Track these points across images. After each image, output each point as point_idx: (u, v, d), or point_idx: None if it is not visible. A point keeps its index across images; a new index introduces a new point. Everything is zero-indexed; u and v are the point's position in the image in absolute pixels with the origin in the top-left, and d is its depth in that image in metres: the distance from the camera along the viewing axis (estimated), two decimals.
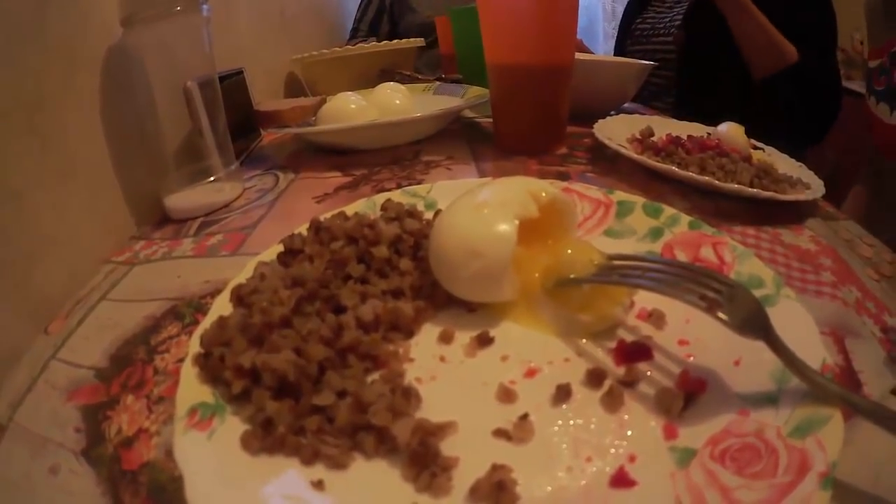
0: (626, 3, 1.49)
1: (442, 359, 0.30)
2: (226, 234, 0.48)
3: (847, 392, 0.23)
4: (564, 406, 0.27)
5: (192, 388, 0.27)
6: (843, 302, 0.36)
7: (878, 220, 0.82)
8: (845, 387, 0.24)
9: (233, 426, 0.26)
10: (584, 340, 0.30)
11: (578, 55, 0.61)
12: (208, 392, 0.27)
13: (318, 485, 0.23)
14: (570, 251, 0.33)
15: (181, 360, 0.29)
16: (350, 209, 0.41)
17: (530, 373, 0.29)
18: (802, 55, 0.98)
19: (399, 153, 0.64)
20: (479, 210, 0.31)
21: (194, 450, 0.24)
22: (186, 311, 0.37)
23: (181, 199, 0.52)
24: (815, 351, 0.26)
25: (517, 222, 0.30)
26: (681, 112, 0.78)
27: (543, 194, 0.32)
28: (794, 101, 1.01)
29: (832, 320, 0.33)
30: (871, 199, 0.97)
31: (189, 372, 0.28)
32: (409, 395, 0.26)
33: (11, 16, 0.39)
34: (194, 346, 0.29)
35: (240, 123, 0.65)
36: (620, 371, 0.28)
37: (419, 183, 0.51)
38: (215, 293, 0.37)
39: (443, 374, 0.29)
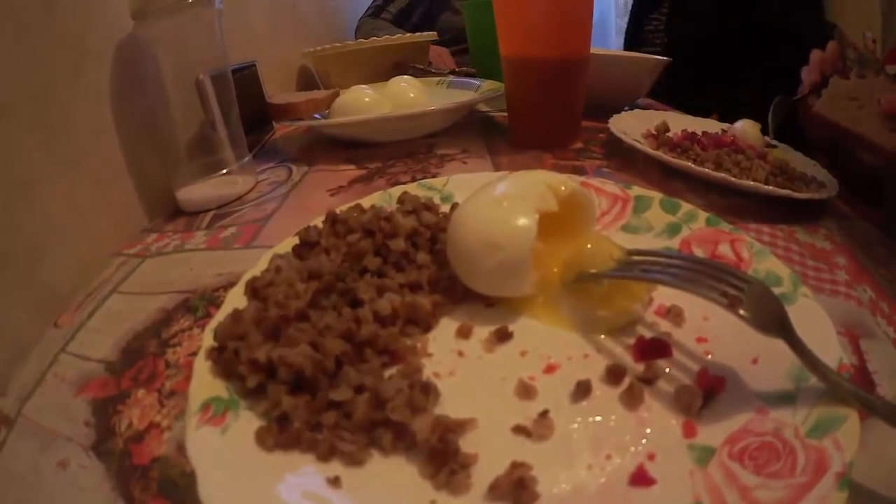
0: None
1: (460, 353, 0.30)
2: (239, 226, 0.47)
3: (864, 392, 0.23)
4: (584, 403, 0.26)
5: (205, 383, 0.27)
6: (858, 302, 0.35)
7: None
8: (860, 387, 0.23)
9: (247, 421, 0.25)
10: (602, 336, 0.30)
11: (592, 49, 0.61)
12: (222, 387, 0.27)
13: (335, 482, 0.23)
14: (589, 246, 0.32)
15: (193, 354, 0.29)
16: (366, 202, 0.41)
17: (549, 369, 0.28)
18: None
19: (413, 146, 0.64)
20: (498, 203, 0.31)
21: (208, 446, 0.24)
22: (199, 303, 0.37)
23: (193, 192, 0.52)
24: (832, 350, 0.26)
25: (537, 216, 0.30)
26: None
27: (563, 188, 0.32)
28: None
29: (847, 320, 0.33)
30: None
31: (202, 366, 0.28)
32: (428, 391, 0.26)
33: (21, 7, 0.38)
34: (208, 339, 0.29)
35: (252, 116, 0.64)
36: (639, 367, 0.28)
37: (434, 176, 0.51)
38: (228, 286, 0.37)
39: (461, 369, 0.29)
